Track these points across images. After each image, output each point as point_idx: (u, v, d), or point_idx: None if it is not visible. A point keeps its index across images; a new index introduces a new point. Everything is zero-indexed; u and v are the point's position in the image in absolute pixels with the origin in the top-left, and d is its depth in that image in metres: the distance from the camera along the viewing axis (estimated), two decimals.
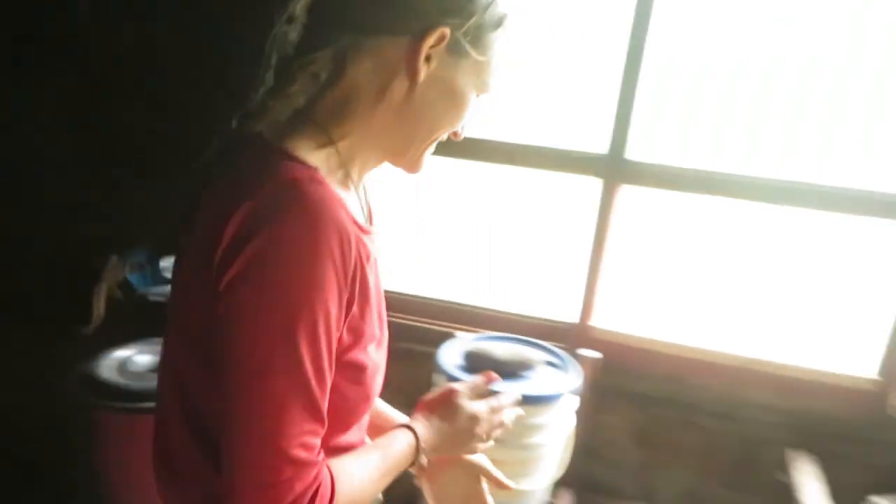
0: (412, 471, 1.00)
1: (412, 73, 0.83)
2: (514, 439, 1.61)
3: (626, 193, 2.02)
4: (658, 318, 2.14)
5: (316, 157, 0.82)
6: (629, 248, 2.09)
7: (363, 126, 0.85)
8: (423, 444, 0.97)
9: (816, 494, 1.78)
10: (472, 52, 0.84)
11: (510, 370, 1.73)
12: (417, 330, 2.21)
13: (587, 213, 2.05)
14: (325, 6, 0.82)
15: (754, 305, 2.08)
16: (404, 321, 2.23)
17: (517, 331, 1.98)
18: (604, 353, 2.01)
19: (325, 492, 0.79)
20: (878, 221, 1.88)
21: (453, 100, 0.87)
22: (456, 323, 2.15)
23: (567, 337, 2.10)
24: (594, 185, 2.03)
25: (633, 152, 1.99)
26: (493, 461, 1.18)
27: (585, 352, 1.98)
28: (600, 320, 2.12)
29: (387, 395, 1.19)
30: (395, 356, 2.20)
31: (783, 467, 1.93)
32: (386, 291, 0.97)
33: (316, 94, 0.84)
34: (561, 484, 1.87)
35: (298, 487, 0.76)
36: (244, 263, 0.74)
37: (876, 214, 1.86)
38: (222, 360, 0.77)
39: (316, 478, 0.78)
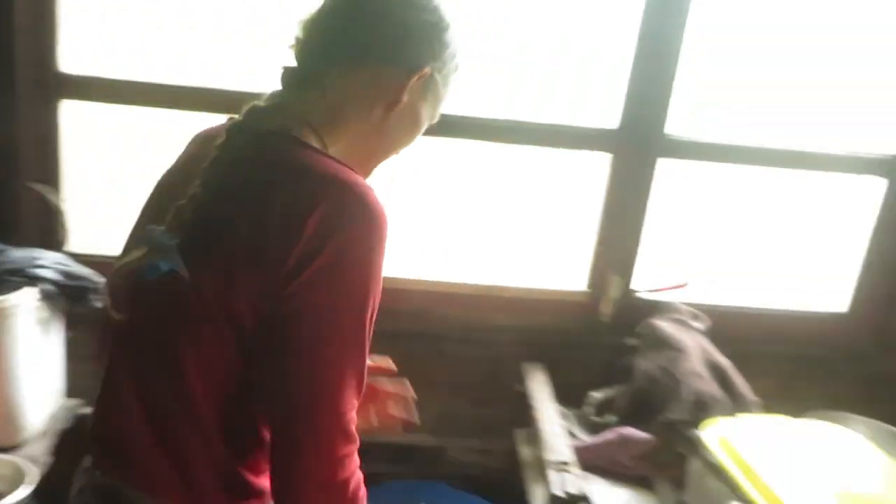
0: None
1: (396, 99, 0.97)
2: None
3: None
4: (403, 257, 2.23)
5: None
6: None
7: (346, 137, 0.97)
8: None
9: (545, 398, 2.01)
10: (440, 89, 1.01)
11: None
12: None
13: None
14: (349, 29, 0.96)
15: (482, 237, 2.24)
16: None
17: None
18: None
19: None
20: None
21: (415, 126, 1.03)
22: None
23: None
24: None
25: None
26: None
27: None
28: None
29: None
30: None
31: (520, 379, 2.14)
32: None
33: (317, 100, 0.95)
34: None
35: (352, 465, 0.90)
36: (324, 263, 0.83)
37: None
38: (281, 346, 0.85)
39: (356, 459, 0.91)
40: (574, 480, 1.60)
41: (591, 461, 1.90)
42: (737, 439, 1.44)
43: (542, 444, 1.78)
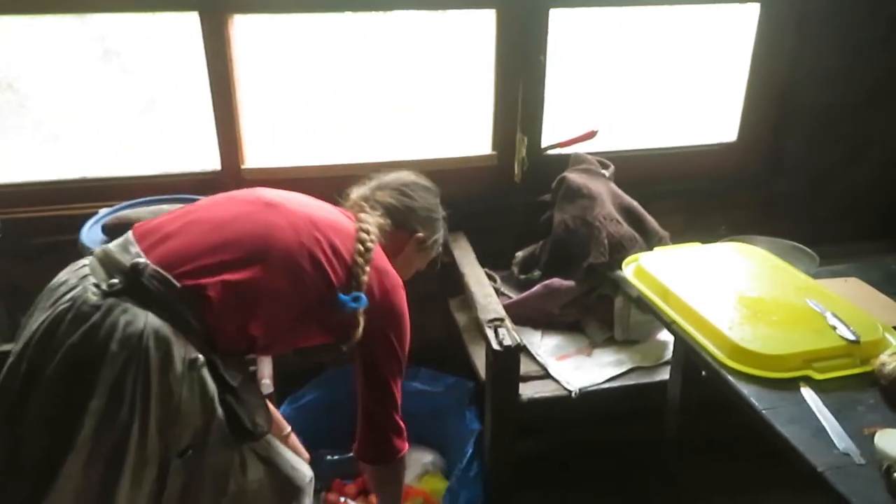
0: None
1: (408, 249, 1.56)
2: None
3: (238, 24, 1.94)
4: (307, 143, 2.17)
5: None
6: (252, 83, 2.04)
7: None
8: None
9: (471, 263, 2.06)
10: (430, 249, 1.62)
11: None
12: (54, 220, 1.97)
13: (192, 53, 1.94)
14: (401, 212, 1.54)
15: (382, 114, 2.19)
16: (37, 214, 1.97)
17: (163, 192, 1.88)
18: None
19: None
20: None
21: (411, 267, 1.61)
22: (96, 202, 1.94)
23: (220, 186, 2.04)
24: (189, 20, 1.89)
25: None
26: None
27: None
28: (252, 161, 2.09)
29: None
30: (37, 252, 1.98)
31: (445, 250, 2.17)
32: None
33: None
34: None
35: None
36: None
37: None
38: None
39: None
40: (509, 333, 1.68)
41: (523, 315, 2.00)
42: (652, 267, 1.53)
43: (475, 307, 1.84)
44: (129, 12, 1.90)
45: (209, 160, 2.07)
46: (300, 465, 1.39)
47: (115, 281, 1.12)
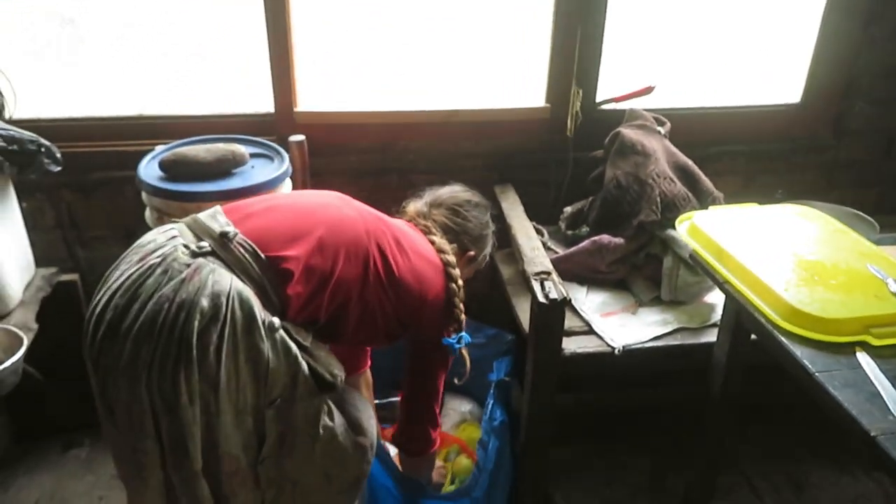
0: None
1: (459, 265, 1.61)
2: None
3: None
4: (363, 91, 2.16)
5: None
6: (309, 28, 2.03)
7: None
8: None
9: (519, 215, 2.04)
10: (479, 264, 1.75)
11: (219, 169, 1.67)
12: (112, 155, 2.01)
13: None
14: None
15: (437, 63, 2.16)
16: (95, 149, 2.01)
17: (218, 132, 1.89)
18: (311, 135, 1.98)
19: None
20: None
21: (466, 269, 1.68)
22: (152, 139, 1.97)
23: (273, 128, 2.05)
24: None
25: None
26: None
27: (293, 137, 1.95)
28: (304, 104, 2.09)
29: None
30: (94, 186, 2.02)
31: (493, 202, 2.16)
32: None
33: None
34: None
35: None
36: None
37: None
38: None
39: None
40: (555, 286, 1.67)
41: (570, 270, 1.98)
42: (707, 226, 1.50)
43: (522, 259, 1.83)
44: None
45: (263, 102, 2.07)
46: (364, 406, 1.50)
47: (205, 244, 1.19)
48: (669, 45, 2.26)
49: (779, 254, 1.40)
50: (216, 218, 1.27)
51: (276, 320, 1.21)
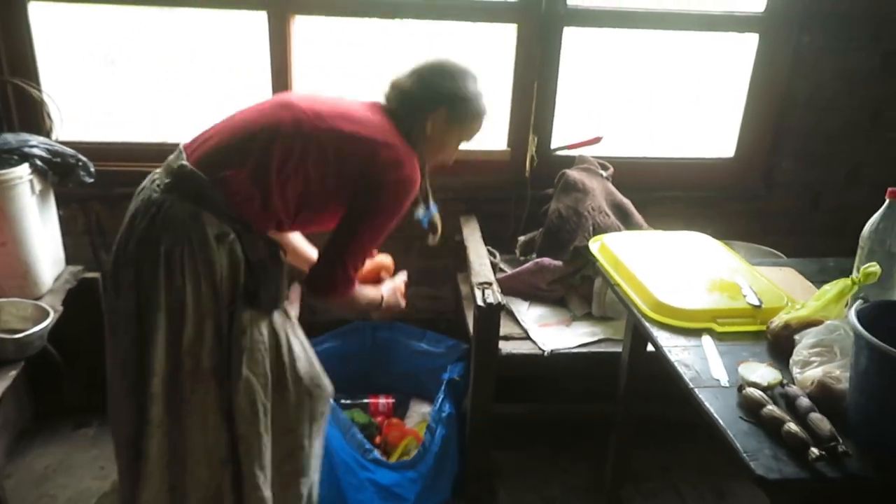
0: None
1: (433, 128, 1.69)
2: None
3: (298, 23, 2.33)
4: None
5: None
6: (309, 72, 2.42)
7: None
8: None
9: (476, 239, 2.37)
10: (461, 122, 1.71)
11: None
12: (136, 174, 2.36)
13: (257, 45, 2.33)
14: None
15: None
16: (123, 168, 2.38)
17: None
18: None
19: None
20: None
21: (448, 145, 1.76)
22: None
23: None
24: (258, 18, 2.29)
25: None
26: None
27: None
28: None
29: None
30: (118, 200, 2.38)
31: (459, 230, 2.49)
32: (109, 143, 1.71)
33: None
34: None
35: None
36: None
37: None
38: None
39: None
40: (493, 294, 1.98)
41: (515, 288, 2.30)
42: (613, 244, 1.80)
43: (470, 273, 2.15)
44: (211, 8, 2.32)
45: None
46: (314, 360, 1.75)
47: (168, 181, 1.51)
48: (620, 102, 2.62)
49: (664, 266, 1.71)
50: (179, 156, 1.53)
51: (230, 233, 1.48)
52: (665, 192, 2.62)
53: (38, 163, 2.03)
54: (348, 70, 2.46)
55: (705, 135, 2.69)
